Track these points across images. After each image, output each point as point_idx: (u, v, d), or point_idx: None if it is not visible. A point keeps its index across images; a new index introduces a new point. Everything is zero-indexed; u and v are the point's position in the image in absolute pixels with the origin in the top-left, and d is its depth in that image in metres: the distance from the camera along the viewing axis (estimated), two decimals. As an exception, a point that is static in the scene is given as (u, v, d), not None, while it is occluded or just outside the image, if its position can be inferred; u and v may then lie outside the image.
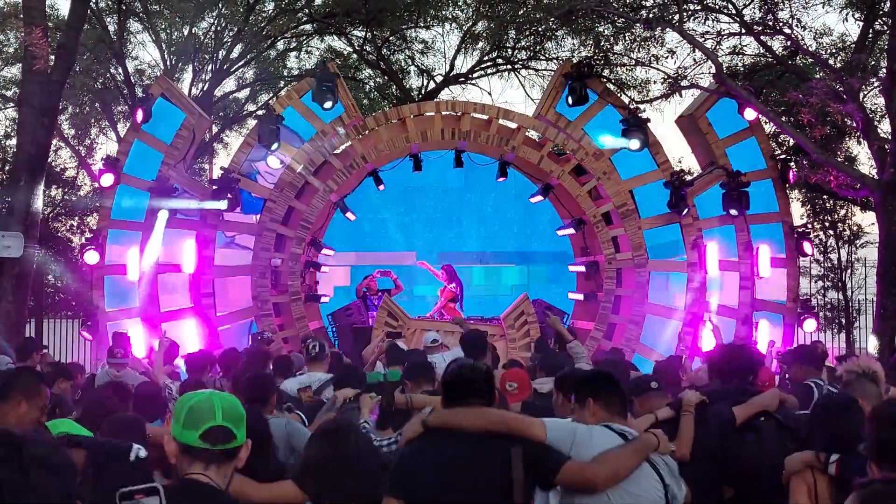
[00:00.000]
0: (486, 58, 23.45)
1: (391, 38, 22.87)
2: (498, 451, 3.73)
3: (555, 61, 21.10)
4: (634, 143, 13.58)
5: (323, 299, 15.20)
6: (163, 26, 23.17)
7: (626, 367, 7.89)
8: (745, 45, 17.71)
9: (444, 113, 14.20)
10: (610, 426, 4.00)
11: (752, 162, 14.21)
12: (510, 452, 3.71)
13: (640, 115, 13.96)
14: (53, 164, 22.49)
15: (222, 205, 13.18)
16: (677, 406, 5.03)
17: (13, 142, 18.84)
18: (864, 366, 5.78)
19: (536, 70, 23.06)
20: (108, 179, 13.36)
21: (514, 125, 14.18)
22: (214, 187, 13.57)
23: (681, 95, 17.25)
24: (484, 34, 22.08)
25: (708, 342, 12.71)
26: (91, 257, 13.32)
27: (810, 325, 14.51)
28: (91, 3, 18.12)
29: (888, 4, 14.73)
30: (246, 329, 13.89)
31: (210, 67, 23.26)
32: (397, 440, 4.76)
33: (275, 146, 13.25)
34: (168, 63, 23.15)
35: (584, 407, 4.15)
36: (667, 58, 17.56)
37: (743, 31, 15.52)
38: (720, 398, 5.18)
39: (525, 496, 3.71)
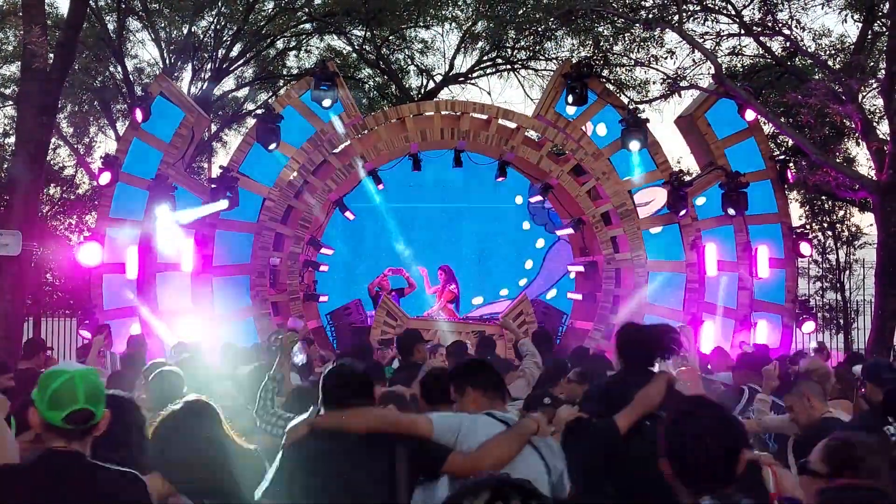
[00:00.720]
0: (485, 58, 23.45)
1: (391, 38, 22.87)
2: (383, 451, 3.77)
3: (554, 61, 21.10)
4: (634, 145, 13.61)
5: (322, 299, 15.20)
6: (162, 25, 23.13)
7: (606, 366, 7.77)
8: (745, 46, 17.75)
9: (443, 112, 14.21)
10: (493, 414, 4.11)
11: (751, 163, 14.23)
12: (395, 451, 3.76)
13: (639, 115, 13.98)
14: (52, 162, 22.44)
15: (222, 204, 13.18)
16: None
17: (12, 140, 18.80)
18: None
19: (536, 70, 23.07)
20: (106, 178, 13.36)
21: (513, 125, 14.18)
22: (213, 186, 13.57)
23: (680, 96, 17.29)
24: (483, 34, 22.08)
25: (707, 344, 12.74)
26: (89, 256, 13.31)
27: (809, 326, 14.54)
28: (90, 2, 18.10)
29: (887, 6, 14.74)
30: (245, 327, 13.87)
31: (209, 66, 23.23)
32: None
33: (273, 145, 13.26)
34: (167, 62, 23.11)
35: (464, 396, 4.28)
36: (666, 58, 17.58)
37: (742, 31, 15.54)
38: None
39: (408, 495, 3.76)
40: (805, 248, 14.53)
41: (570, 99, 13.81)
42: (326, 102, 13.40)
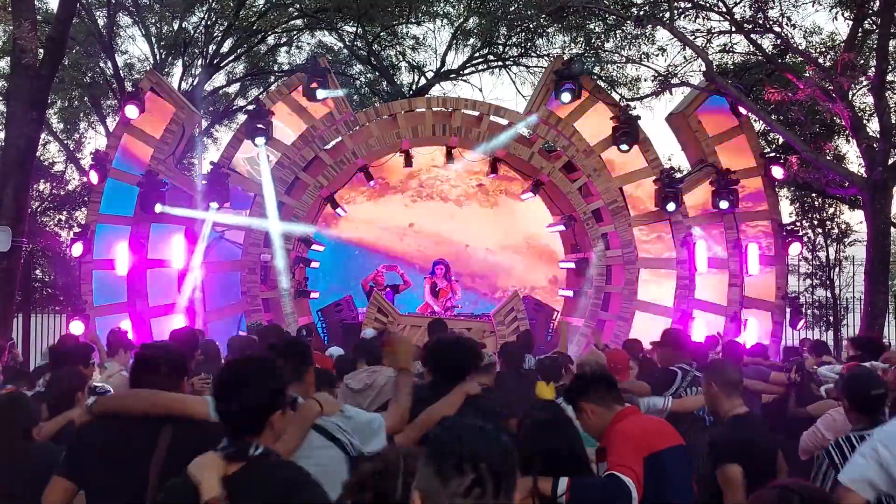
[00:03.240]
0: (476, 54, 23.45)
1: (382, 34, 22.84)
2: (152, 432, 3.68)
3: (545, 58, 21.10)
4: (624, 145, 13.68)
5: (312, 295, 15.18)
6: (153, 20, 23.06)
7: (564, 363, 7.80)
8: (736, 43, 17.75)
9: (434, 109, 14.20)
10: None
11: (742, 160, 14.27)
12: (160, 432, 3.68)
13: (630, 112, 14.00)
14: (42, 158, 22.36)
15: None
16: None
17: (1, 135, 18.72)
18: None
19: (527, 67, 23.11)
20: (95, 177, 13.32)
21: (504, 121, 14.18)
22: (204, 182, 13.54)
23: (671, 93, 17.28)
24: (475, 31, 22.08)
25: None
26: (77, 251, 13.28)
27: (798, 322, 14.59)
28: (80, -3, 18.04)
29: (877, 3, 14.78)
30: (235, 323, 13.85)
31: (200, 62, 23.17)
32: None
33: (263, 141, 13.23)
34: (158, 57, 23.04)
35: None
36: (657, 55, 17.61)
37: (733, 29, 15.54)
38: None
39: (161, 474, 3.61)
40: (795, 247, 14.55)
41: (561, 96, 13.81)
42: (318, 99, 13.39)
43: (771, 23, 14.98)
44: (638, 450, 4.05)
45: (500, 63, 23.48)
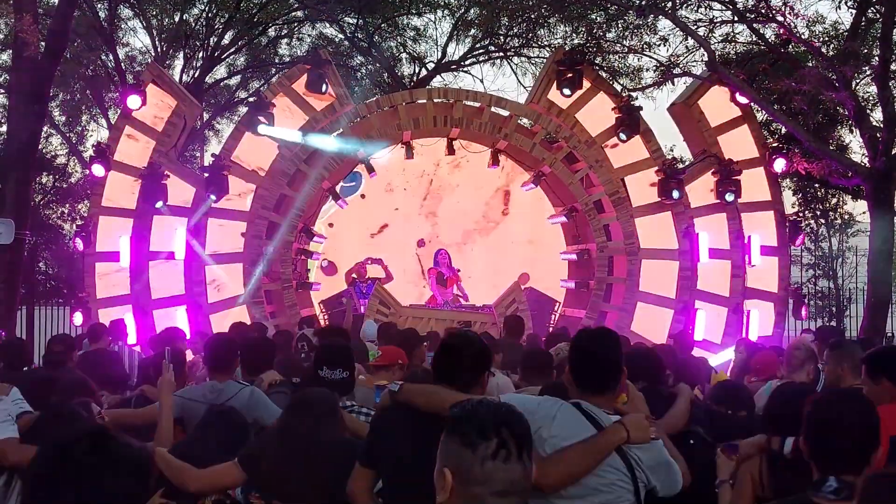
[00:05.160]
0: (478, 45, 23.39)
1: (383, 25, 22.79)
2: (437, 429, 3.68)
3: (547, 49, 21.05)
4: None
5: (315, 287, 15.19)
6: (154, 13, 23.03)
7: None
8: (738, 33, 17.70)
9: (435, 100, 14.18)
10: (580, 405, 3.59)
11: (744, 150, 14.23)
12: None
13: (632, 103, 13.96)
14: (44, 150, 22.39)
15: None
16: None
17: (4, 128, 18.74)
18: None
19: (529, 57, 23.03)
20: (99, 170, 13.32)
21: (506, 113, 14.16)
22: (206, 175, 13.54)
23: (673, 83, 17.23)
24: (476, 21, 22.01)
25: (699, 332, 12.78)
26: (81, 244, 13.29)
27: (801, 313, 14.57)
28: (81, -11, 18.02)
29: (881, -8, 14.72)
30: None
31: (201, 54, 23.13)
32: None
33: (265, 133, 13.22)
34: (159, 50, 23.02)
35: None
36: (659, 45, 17.54)
37: (735, 18, 15.48)
38: None
39: None
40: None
41: (562, 87, 13.78)
42: (319, 91, 13.38)
43: (773, 12, 14.92)
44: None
45: (501, 54, 23.42)
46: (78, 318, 12.88)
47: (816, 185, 20.55)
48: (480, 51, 23.62)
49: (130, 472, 2.16)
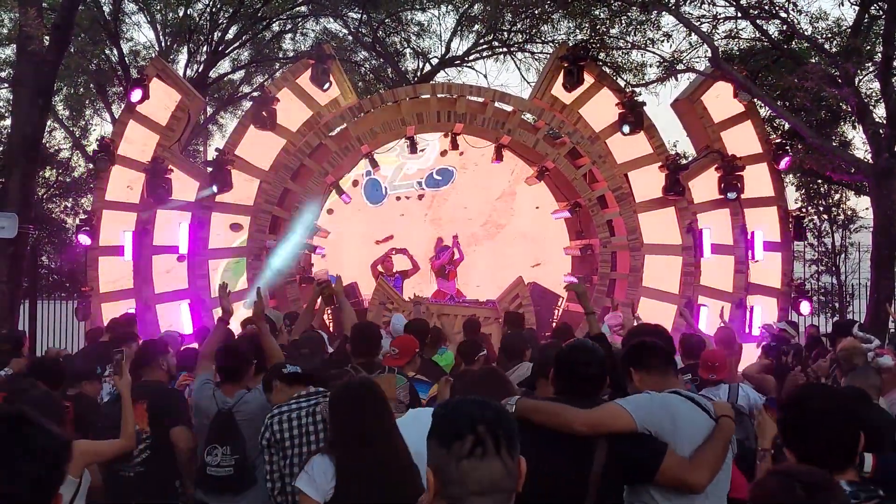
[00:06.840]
0: (481, 41, 23.39)
1: (387, 21, 22.80)
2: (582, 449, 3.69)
3: (550, 44, 21.06)
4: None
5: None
6: (158, 7, 23.06)
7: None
8: (741, 29, 17.71)
9: (439, 96, 14.19)
10: (680, 393, 3.97)
11: (748, 146, 14.24)
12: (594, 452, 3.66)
13: (635, 98, 13.97)
14: (48, 145, 22.42)
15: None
16: None
17: (8, 122, 18.76)
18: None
19: (532, 53, 23.03)
20: (103, 164, 13.34)
21: (509, 108, 14.16)
22: (209, 169, 13.56)
23: (676, 79, 17.25)
24: (480, 17, 22.01)
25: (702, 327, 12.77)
26: (84, 239, 13.31)
27: (804, 309, 14.58)
28: (85, -16, 18.04)
29: (884, -11, 14.73)
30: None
31: (205, 49, 23.15)
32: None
33: (269, 128, 13.24)
34: (163, 44, 23.06)
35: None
36: (663, 41, 17.52)
37: (739, 14, 15.51)
38: None
39: (600, 494, 3.63)
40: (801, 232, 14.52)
41: (566, 82, 13.79)
42: (323, 86, 13.40)
43: (777, 8, 14.95)
44: None
45: (504, 49, 23.43)
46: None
47: (819, 181, 20.55)
48: (484, 46, 23.63)
49: (44, 459, 2.13)
